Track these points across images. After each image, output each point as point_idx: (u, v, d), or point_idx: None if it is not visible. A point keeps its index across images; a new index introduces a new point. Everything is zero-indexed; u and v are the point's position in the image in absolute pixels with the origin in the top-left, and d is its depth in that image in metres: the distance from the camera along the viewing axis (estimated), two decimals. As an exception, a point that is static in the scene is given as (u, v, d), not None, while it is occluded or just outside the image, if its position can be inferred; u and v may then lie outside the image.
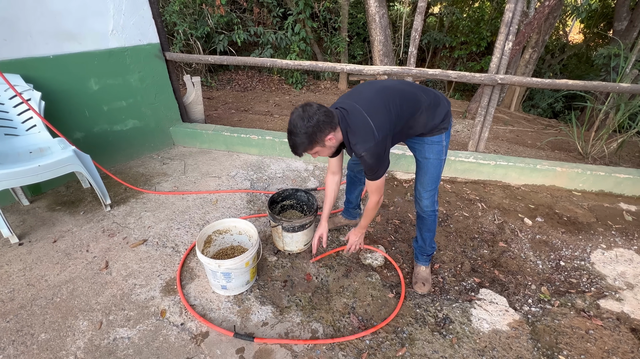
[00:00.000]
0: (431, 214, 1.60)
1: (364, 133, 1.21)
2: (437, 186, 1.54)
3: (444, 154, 1.48)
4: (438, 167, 1.49)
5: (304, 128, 1.17)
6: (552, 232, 2.10)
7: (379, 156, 1.24)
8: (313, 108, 1.19)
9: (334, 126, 1.23)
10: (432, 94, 1.39)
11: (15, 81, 1.88)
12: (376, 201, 1.45)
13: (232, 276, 1.47)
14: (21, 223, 2.00)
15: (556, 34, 8.52)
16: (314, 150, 1.27)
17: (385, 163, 1.30)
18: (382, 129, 1.21)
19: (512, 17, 2.22)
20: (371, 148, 1.21)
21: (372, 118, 1.21)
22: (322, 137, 1.21)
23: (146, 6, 2.46)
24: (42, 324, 1.41)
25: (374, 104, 1.25)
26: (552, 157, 3.54)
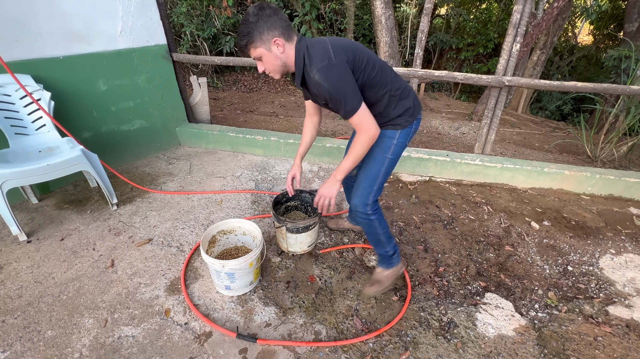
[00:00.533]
0: (362, 216, 1.40)
1: (320, 55, 1.10)
2: (373, 187, 1.36)
3: (392, 153, 1.34)
4: (379, 165, 1.34)
5: (253, 17, 1.08)
6: (560, 236, 2.07)
7: (337, 81, 1.08)
8: (272, 7, 1.10)
9: (287, 36, 1.13)
10: (404, 86, 1.31)
11: (26, 81, 1.91)
12: (365, 138, 1.19)
13: (236, 277, 1.47)
14: (30, 221, 2.03)
15: (565, 36, 8.42)
16: (258, 52, 1.13)
17: (352, 92, 1.11)
18: (342, 56, 1.10)
19: (520, 19, 2.20)
20: (324, 67, 1.08)
21: (331, 44, 1.12)
22: (269, 36, 1.10)
23: (154, 8, 2.49)
24: (48, 321, 1.43)
25: (342, 43, 1.16)
26: (560, 160, 3.49)
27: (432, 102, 6.46)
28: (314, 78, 1.11)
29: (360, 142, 1.21)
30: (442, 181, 2.62)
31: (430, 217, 2.22)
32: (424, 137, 4.28)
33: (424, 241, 2.01)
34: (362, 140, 1.20)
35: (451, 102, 6.90)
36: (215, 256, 1.67)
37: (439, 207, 2.32)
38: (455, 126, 4.91)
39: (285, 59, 1.17)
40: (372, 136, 1.20)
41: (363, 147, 1.22)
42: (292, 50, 1.16)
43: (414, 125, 1.36)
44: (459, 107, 6.41)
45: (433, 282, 1.73)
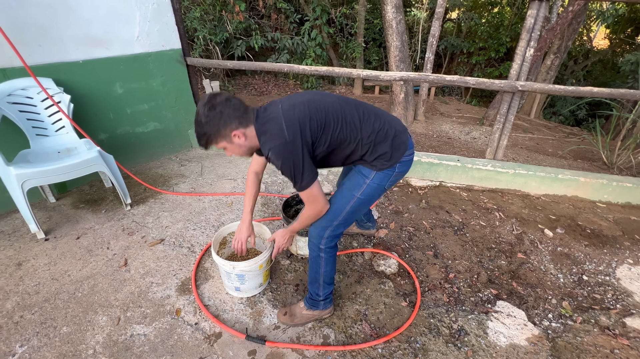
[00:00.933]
0: (312, 247, 1.31)
1: (272, 132, 1.06)
2: (332, 222, 1.25)
3: (363, 194, 1.23)
4: (344, 201, 1.24)
5: (204, 117, 1.05)
6: (575, 245, 2.02)
7: (291, 159, 1.05)
8: (221, 98, 1.06)
9: (245, 123, 1.09)
10: (377, 129, 1.17)
11: (48, 84, 1.98)
12: (311, 213, 1.21)
13: (245, 279, 1.49)
14: (47, 219, 2.09)
15: (580, 40, 8.27)
16: (220, 145, 1.12)
17: (304, 170, 1.08)
18: (295, 132, 1.05)
19: (534, 23, 2.17)
20: (276, 147, 1.05)
21: (284, 118, 1.07)
22: (227, 132, 1.07)
23: (170, 13, 2.56)
24: (64, 318, 1.47)
25: (295, 109, 1.10)
26: (574, 167, 3.41)
27: (443, 106, 6.41)
28: (267, 155, 1.09)
29: (307, 215, 1.23)
30: (453, 187, 2.59)
31: (440, 222, 2.20)
32: (434, 141, 4.25)
33: (434, 247, 1.99)
34: (308, 214, 1.22)
35: (462, 106, 6.83)
36: (225, 258, 1.69)
37: (449, 213, 2.29)
38: (466, 131, 4.86)
39: (249, 143, 1.14)
40: (319, 212, 1.21)
41: (309, 220, 1.25)
42: (253, 132, 1.12)
43: (397, 169, 1.22)
44: (469, 111, 6.34)
45: (443, 288, 1.71)
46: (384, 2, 4.04)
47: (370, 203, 1.29)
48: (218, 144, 1.12)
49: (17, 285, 1.62)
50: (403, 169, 1.25)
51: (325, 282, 1.38)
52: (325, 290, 1.39)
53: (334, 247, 1.33)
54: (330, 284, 1.40)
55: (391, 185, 1.28)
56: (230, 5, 5.33)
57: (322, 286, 1.38)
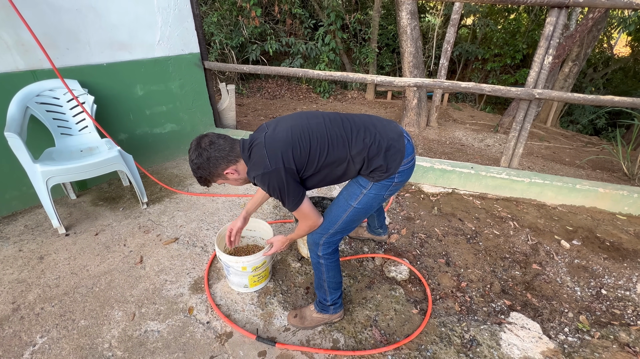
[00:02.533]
0: (312, 254, 1.34)
1: (257, 162, 1.12)
2: (329, 229, 1.27)
3: (360, 203, 1.23)
4: (341, 210, 1.25)
5: (196, 164, 1.14)
6: (593, 257, 1.97)
7: (274, 185, 1.10)
8: (205, 143, 1.13)
9: (233, 160, 1.15)
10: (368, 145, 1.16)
11: (73, 86, 2.07)
12: (305, 227, 1.26)
13: (230, 272, 1.54)
14: (68, 215, 2.17)
15: (599, 47, 8.07)
16: (218, 182, 1.22)
17: (289, 194, 1.12)
18: (277, 161, 1.08)
19: (552, 31, 2.15)
20: (259, 176, 1.10)
21: (267, 148, 1.10)
22: (218, 172, 1.15)
23: (190, 19, 2.64)
24: (82, 311, 1.51)
25: (278, 136, 1.13)
26: (593, 177, 3.32)
27: (456, 113, 6.35)
28: (253, 181, 1.16)
29: (302, 228, 1.29)
30: (466, 194, 2.56)
31: (452, 230, 2.17)
32: (447, 148, 4.21)
33: (446, 255, 1.97)
34: (302, 227, 1.28)
35: (475, 113, 6.75)
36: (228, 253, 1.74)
37: (462, 220, 2.27)
38: (480, 138, 4.80)
39: (243, 175, 1.21)
40: (313, 226, 1.26)
41: (304, 232, 1.30)
42: (242, 164, 1.18)
43: (396, 179, 1.21)
44: (483, 118, 6.26)
45: (455, 297, 1.68)
46: (399, 8, 4.05)
47: (368, 212, 1.28)
48: (217, 181, 1.21)
49: (39, 278, 1.68)
50: (403, 178, 1.23)
51: (330, 288, 1.38)
52: (332, 295, 1.39)
53: (332, 253, 1.33)
54: (336, 289, 1.40)
55: (391, 194, 1.27)
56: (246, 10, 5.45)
57: (328, 292, 1.38)
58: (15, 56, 1.90)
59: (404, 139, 1.21)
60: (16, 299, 1.56)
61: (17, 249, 1.86)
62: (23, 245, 1.90)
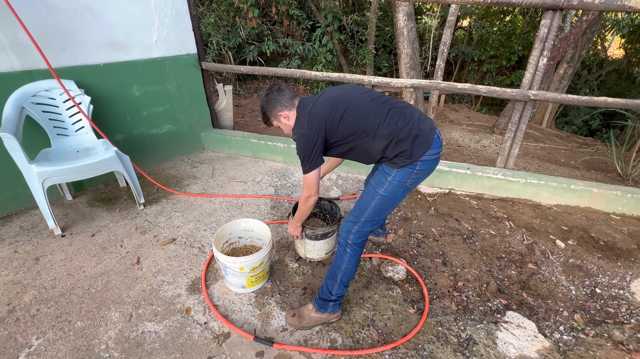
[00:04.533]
0: (341, 240, 1.40)
1: (299, 122, 1.33)
2: (360, 218, 1.34)
3: (385, 191, 1.29)
4: (369, 198, 1.33)
5: (262, 101, 1.40)
6: (587, 257, 1.99)
7: (304, 148, 1.29)
8: (275, 87, 1.38)
9: (289, 107, 1.37)
10: (399, 128, 1.24)
11: (70, 86, 2.06)
12: (303, 196, 1.40)
13: (228, 272, 1.54)
14: (64, 216, 2.15)
15: (594, 49, 8.16)
16: (275, 124, 1.45)
17: (312, 160, 1.30)
18: (313, 127, 1.27)
19: (547, 33, 2.17)
20: (297, 135, 1.31)
21: (310, 114, 1.30)
22: (275, 112, 1.38)
23: (187, 19, 2.64)
24: (78, 313, 1.51)
25: (322, 105, 1.30)
26: (587, 177, 3.36)
27: (453, 114, 6.39)
28: (293, 137, 1.35)
29: (301, 201, 1.44)
30: (462, 195, 2.58)
31: (449, 230, 2.19)
32: (443, 149, 4.24)
33: (443, 255, 1.98)
34: (301, 200, 1.43)
35: (472, 114, 6.80)
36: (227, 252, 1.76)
37: (458, 220, 2.28)
38: (476, 139, 4.83)
39: (292, 123, 1.41)
40: (307, 197, 1.39)
41: (302, 206, 1.45)
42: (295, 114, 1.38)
43: (418, 166, 1.26)
44: (480, 119, 6.31)
45: (452, 297, 1.70)
46: (396, 10, 4.07)
47: (394, 202, 1.35)
48: (273, 122, 1.45)
49: (35, 279, 1.67)
50: (425, 168, 1.28)
51: (342, 281, 1.40)
52: (339, 289, 1.42)
53: (360, 245, 1.39)
54: (345, 285, 1.42)
55: (414, 184, 1.32)
56: (244, 11, 5.45)
57: (338, 284, 1.41)
58: (11, 56, 1.89)
59: (434, 133, 1.29)
60: (11, 301, 1.55)
61: (12, 250, 1.85)
62: (18, 246, 1.88)
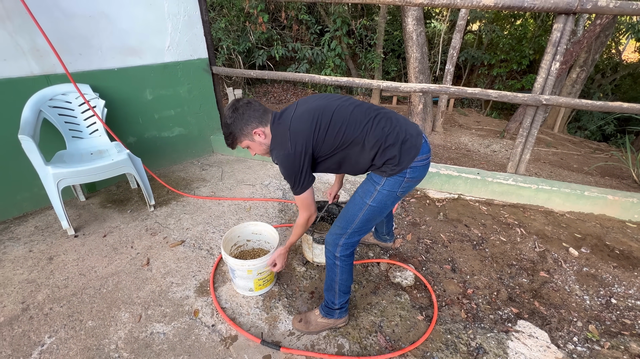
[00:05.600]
0: (328, 255, 1.33)
1: (279, 141, 1.20)
2: (346, 230, 1.27)
3: (374, 201, 1.23)
4: (356, 209, 1.26)
5: (229, 119, 1.21)
6: (602, 266, 1.93)
7: (291, 170, 1.17)
8: (242, 102, 1.22)
9: (264, 123, 1.23)
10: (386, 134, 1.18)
11: (85, 90, 2.12)
12: (303, 218, 1.30)
13: (236, 274, 1.55)
14: (77, 217, 2.20)
15: (607, 53, 8.00)
16: (244, 143, 1.27)
17: (302, 180, 1.19)
18: (298, 144, 1.15)
19: (560, 37, 2.14)
20: (280, 156, 1.18)
21: (291, 130, 1.17)
22: (248, 130, 1.22)
23: (199, 25, 2.69)
24: (89, 312, 1.53)
25: (303, 118, 1.19)
26: (601, 184, 3.28)
27: (462, 118, 6.34)
28: (274, 161, 1.23)
29: (298, 224, 1.34)
30: (472, 200, 2.54)
31: (458, 236, 2.16)
32: (452, 153, 4.20)
33: (452, 261, 1.96)
34: (299, 222, 1.33)
35: (481, 118, 6.72)
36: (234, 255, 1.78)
37: (468, 226, 2.25)
38: (486, 143, 4.77)
39: (269, 141, 1.27)
40: (308, 218, 1.31)
41: (300, 229, 1.36)
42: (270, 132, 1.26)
43: (408, 174, 1.20)
44: (489, 123, 6.23)
45: (461, 304, 1.67)
46: (405, 14, 4.08)
47: (383, 211, 1.28)
48: (242, 143, 1.27)
49: (48, 278, 1.71)
50: (415, 175, 1.22)
51: (341, 290, 1.38)
52: (341, 298, 1.39)
53: (349, 256, 1.34)
54: (346, 293, 1.40)
55: (404, 192, 1.27)
56: (254, 16, 5.53)
57: (338, 294, 1.38)
58: (31, 61, 1.96)
59: (422, 138, 1.24)
60: (26, 299, 1.58)
61: (27, 249, 1.89)
62: (33, 245, 1.93)
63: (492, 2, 2.09)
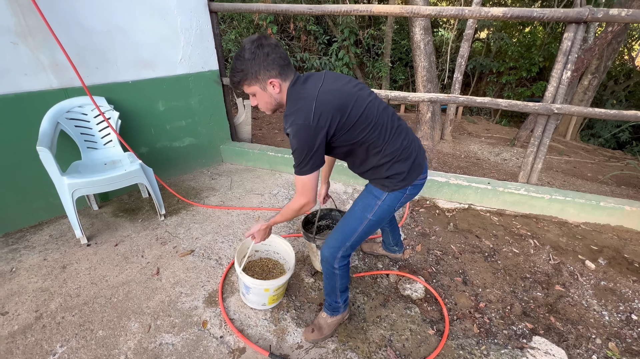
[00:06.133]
0: (327, 266, 1.33)
1: (300, 109, 1.02)
2: (345, 243, 1.26)
3: (374, 215, 1.22)
4: (357, 222, 1.24)
5: (249, 53, 1.01)
6: (621, 279, 1.87)
7: (304, 143, 1.02)
8: (270, 42, 1.03)
9: (284, 76, 1.07)
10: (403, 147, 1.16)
11: (101, 102, 2.18)
12: (299, 204, 1.15)
13: (251, 291, 1.52)
14: (90, 226, 2.24)
15: (620, 59, 7.88)
16: (251, 89, 1.08)
17: (312, 158, 1.05)
18: (321, 120, 1.01)
19: (571, 46, 2.12)
20: (298, 126, 1.01)
21: (317, 101, 1.02)
22: (265, 76, 1.04)
23: (210, 38, 2.76)
24: (100, 322, 1.55)
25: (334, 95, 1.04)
26: (618, 193, 3.20)
27: (471, 126, 6.28)
28: (286, 129, 1.06)
29: (292, 207, 1.18)
30: (483, 210, 2.50)
31: (469, 247, 2.12)
32: (462, 162, 4.16)
33: (463, 273, 1.92)
34: (293, 206, 1.17)
35: (491, 126, 6.65)
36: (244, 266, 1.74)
37: (479, 237, 2.21)
38: (496, 152, 4.71)
39: (280, 99, 1.11)
40: (304, 204, 1.15)
41: (292, 213, 1.20)
42: (285, 92, 1.10)
43: (408, 191, 1.21)
44: (499, 131, 6.16)
45: (473, 318, 1.63)
46: (412, 24, 4.10)
47: (380, 224, 1.30)
48: (250, 87, 1.08)
49: (61, 287, 1.74)
50: (414, 192, 1.25)
51: (341, 290, 1.42)
52: (343, 296, 1.44)
53: (347, 264, 1.37)
54: (346, 290, 1.45)
55: (400, 207, 1.29)
56: (263, 28, 5.64)
57: (340, 294, 1.42)
58: (50, 75, 2.03)
59: (426, 157, 1.28)
60: (39, 308, 1.61)
61: (42, 258, 1.94)
62: (47, 254, 1.97)
63: (501, 12, 2.09)
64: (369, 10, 2.32)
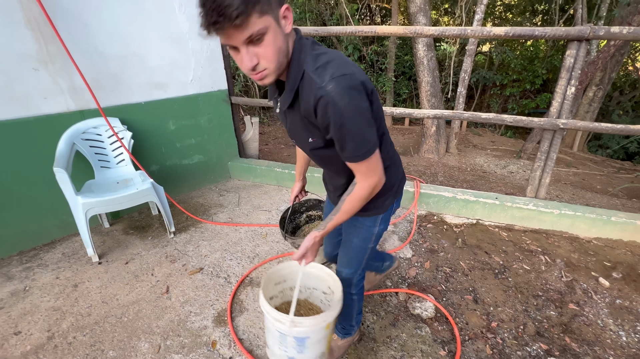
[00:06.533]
0: (347, 295, 1.30)
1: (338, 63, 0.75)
2: (358, 271, 1.27)
3: (374, 241, 1.20)
4: (361, 255, 1.24)
5: None
6: (637, 297, 1.82)
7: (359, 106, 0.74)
8: None
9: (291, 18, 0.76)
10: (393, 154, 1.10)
11: (115, 123, 2.26)
12: (369, 187, 0.89)
13: (306, 344, 1.08)
14: (102, 244, 2.28)
15: (624, 70, 7.88)
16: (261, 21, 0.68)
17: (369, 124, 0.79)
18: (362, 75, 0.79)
19: (574, 63, 2.15)
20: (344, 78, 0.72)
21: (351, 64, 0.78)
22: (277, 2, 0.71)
23: (220, 59, 2.86)
24: (111, 342, 1.56)
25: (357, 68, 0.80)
26: (629, 207, 3.15)
27: (476, 139, 6.29)
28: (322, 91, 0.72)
29: (359, 196, 0.91)
30: (491, 225, 2.48)
31: (479, 264, 2.10)
32: (468, 175, 4.15)
33: (473, 291, 1.89)
34: (361, 194, 0.90)
35: (496, 138, 6.65)
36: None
37: (488, 253, 2.19)
38: (502, 164, 4.69)
39: (287, 41, 0.77)
40: (375, 186, 0.90)
41: (361, 203, 0.93)
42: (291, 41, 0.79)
43: (395, 205, 1.18)
44: (505, 143, 6.15)
45: (485, 338, 1.60)
46: (415, 40, 4.19)
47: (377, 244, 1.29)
48: (260, 18, 0.68)
49: (73, 306, 1.76)
50: (397, 206, 1.21)
51: (358, 313, 1.42)
52: (357, 318, 1.43)
53: (362, 287, 1.37)
54: (360, 312, 1.44)
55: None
56: (269, 46, 5.81)
57: (355, 318, 1.42)
58: (68, 98, 2.12)
59: None
60: (51, 327, 1.63)
61: (54, 276, 1.97)
62: (60, 272, 2.00)
63: (503, 31, 2.14)
64: (373, 32, 2.39)
